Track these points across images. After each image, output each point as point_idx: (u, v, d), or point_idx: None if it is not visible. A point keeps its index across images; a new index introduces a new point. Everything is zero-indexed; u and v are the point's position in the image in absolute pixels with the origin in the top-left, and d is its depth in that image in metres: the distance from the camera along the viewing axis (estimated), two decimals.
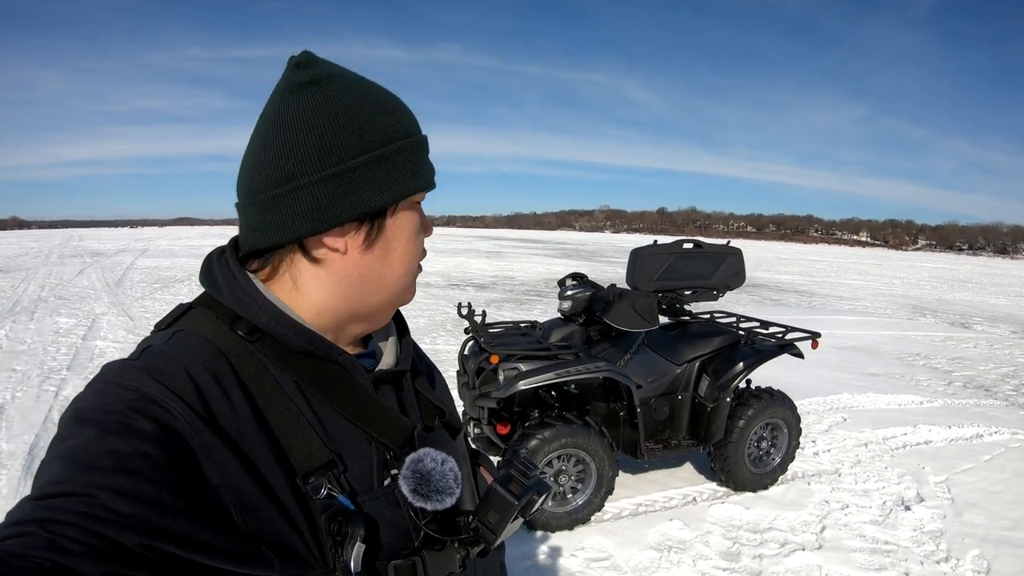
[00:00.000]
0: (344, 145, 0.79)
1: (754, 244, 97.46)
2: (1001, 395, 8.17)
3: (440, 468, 0.79)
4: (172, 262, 25.02)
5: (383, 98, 0.84)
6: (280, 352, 0.80)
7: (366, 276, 0.84)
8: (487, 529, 0.81)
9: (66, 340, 9.38)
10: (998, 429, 6.55)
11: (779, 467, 4.84)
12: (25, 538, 0.53)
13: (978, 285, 28.99)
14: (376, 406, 0.84)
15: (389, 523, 0.78)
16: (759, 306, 15.81)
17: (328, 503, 0.74)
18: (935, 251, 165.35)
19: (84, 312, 12.06)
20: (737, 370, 4.47)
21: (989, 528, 4.35)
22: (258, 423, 0.73)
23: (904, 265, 46.33)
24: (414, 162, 0.84)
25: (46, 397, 6.47)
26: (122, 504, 0.57)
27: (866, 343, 11.37)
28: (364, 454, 0.81)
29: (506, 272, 23.12)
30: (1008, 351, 11.49)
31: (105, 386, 0.68)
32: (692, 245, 5.02)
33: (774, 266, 34.66)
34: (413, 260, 0.88)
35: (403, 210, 0.85)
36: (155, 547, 0.57)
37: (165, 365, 0.71)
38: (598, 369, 4.05)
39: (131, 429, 0.62)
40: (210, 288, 0.84)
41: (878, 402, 7.40)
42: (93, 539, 0.54)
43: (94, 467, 0.59)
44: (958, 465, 5.48)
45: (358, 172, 0.79)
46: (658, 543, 4.01)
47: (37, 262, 24.95)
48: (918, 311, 17.06)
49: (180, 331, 0.79)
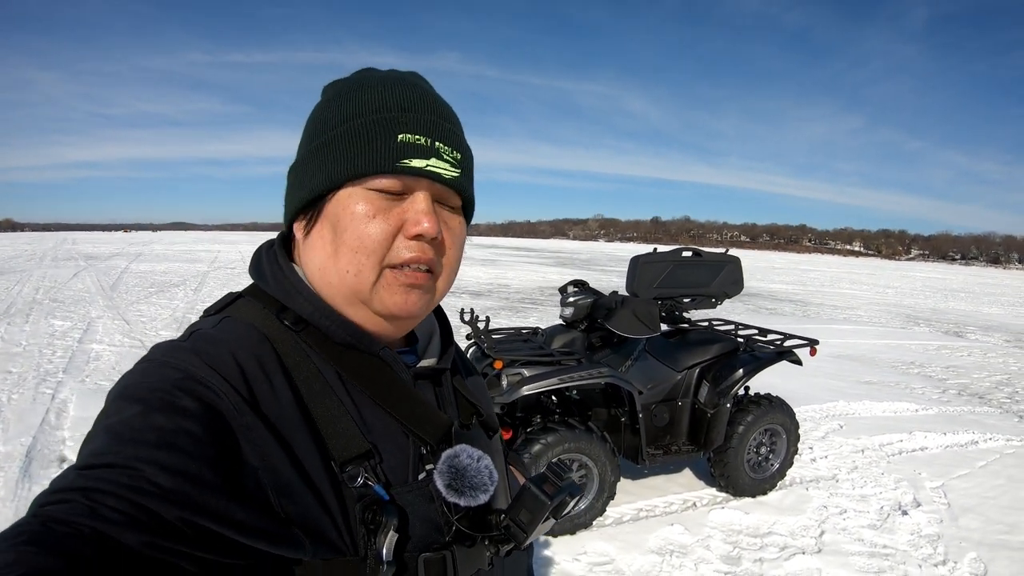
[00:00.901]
0: (305, 137, 0.85)
1: (748, 253, 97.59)
2: (995, 403, 8.25)
3: (476, 465, 0.78)
4: (167, 267, 24.89)
5: (363, 82, 0.85)
6: (324, 343, 0.81)
7: (311, 267, 0.84)
8: (518, 528, 0.81)
9: (62, 343, 9.33)
10: (992, 436, 6.61)
11: (778, 473, 4.88)
12: (67, 504, 0.55)
13: (971, 295, 29.17)
14: (415, 401, 0.84)
15: (422, 517, 0.78)
16: (754, 315, 15.85)
17: (363, 492, 0.74)
18: (928, 261, 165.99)
19: (79, 315, 11.96)
20: (737, 377, 4.51)
21: (985, 532, 4.40)
22: (299, 410, 0.74)
23: (897, 275, 46.55)
24: (363, 143, 0.79)
25: (43, 399, 6.43)
26: (163, 478, 0.58)
27: (861, 352, 11.44)
28: (401, 447, 0.81)
29: (501, 280, 23.12)
30: (1001, 359, 11.59)
31: (152, 365, 0.70)
32: (691, 253, 5.07)
33: (768, 275, 34.73)
34: (355, 253, 0.79)
35: (347, 195, 0.79)
36: (193, 521, 0.58)
37: (212, 348, 0.73)
38: (601, 375, 4.08)
39: (175, 406, 0.64)
40: (258, 279, 0.86)
41: (874, 410, 7.45)
42: (133, 509, 0.56)
43: (138, 441, 0.60)
44: (954, 471, 5.53)
45: (306, 161, 0.83)
46: (659, 547, 4.04)
47: (31, 264, 24.76)
48: (912, 320, 17.17)
49: (228, 317, 0.81)
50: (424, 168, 0.79)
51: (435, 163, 0.80)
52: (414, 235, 0.79)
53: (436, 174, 0.80)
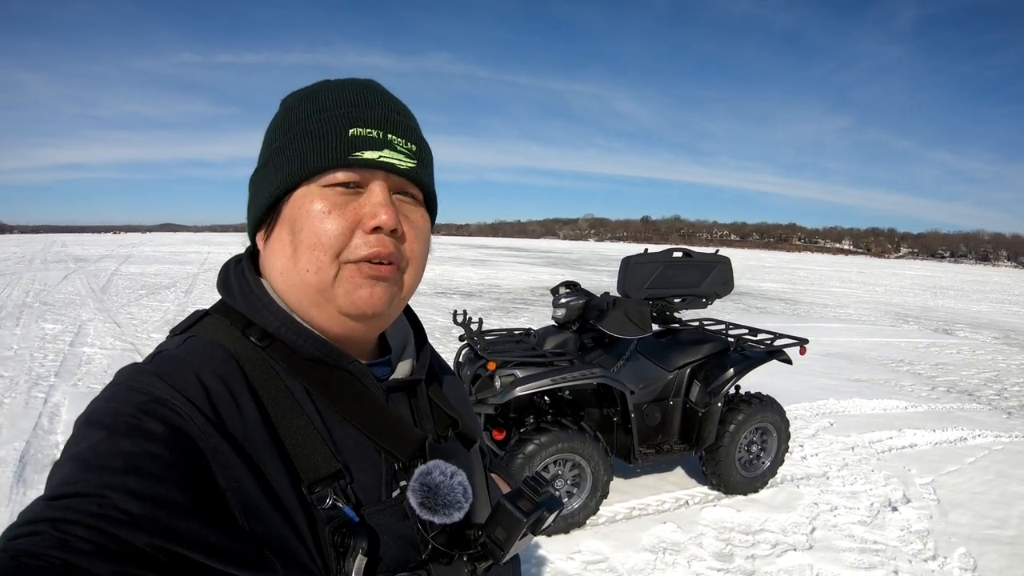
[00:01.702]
0: (262, 148, 0.85)
1: (738, 252, 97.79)
2: (984, 399, 8.33)
3: (448, 482, 0.77)
4: (157, 268, 24.78)
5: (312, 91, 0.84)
6: (291, 358, 0.80)
7: (273, 272, 0.82)
8: (495, 545, 0.79)
9: (53, 346, 9.31)
10: (981, 432, 6.67)
11: (769, 471, 4.92)
12: (36, 537, 0.54)
13: (960, 292, 29.35)
14: (386, 416, 0.82)
15: (397, 535, 0.77)
16: (744, 314, 15.90)
17: (332, 514, 0.73)
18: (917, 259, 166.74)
19: (70, 318, 11.92)
20: (727, 376, 4.55)
21: (974, 527, 4.45)
22: (267, 429, 0.73)
23: (887, 273, 46.79)
24: (312, 143, 0.78)
25: (35, 403, 6.42)
26: (132, 504, 0.57)
27: (851, 350, 11.50)
28: (373, 464, 0.80)
29: (492, 280, 23.13)
30: (990, 357, 11.68)
31: (116, 390, 0.69)
32: (682, 254, 5.11)
33: (758, 274, 34.84)
34: (312, 250, 0.77)
35: (303, 195, 0.78)
36: (164, 547, 0.57)
37: (176, 369, 0.72)
38: (593, 375, 4.10)
39: (141, 430, 0.63)
40: (225, 295, 0.85)
41: (863, 407, 7.50)
42: (103, 539, 0.55)
43: (104, 468, 0.59)
44: (943, 467, 5.58)
45: (261, 169, 0.83)
46: (653, 545, 4.06)
47: (20, 267, 24.61)
48: (901, 318, 17.28)
49: (193, 336, 0.80)
50: (378, 159, 0.78)
51: (389, 154, 0.79)
52: (372, 228, 0.77)
53: (391, 165, 0.79)
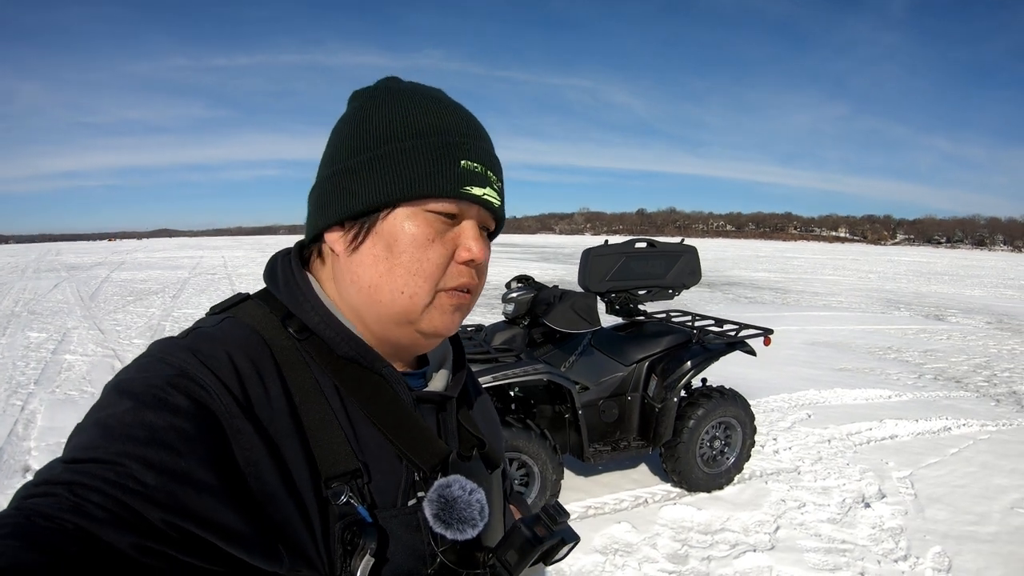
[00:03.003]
0: (348, 146, 0.82)
1: (733, 243, 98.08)
2: (972, 387, 8.12)
3: (467, 497, 0.76)
4: (148, 274, 24.87)
5: (415, 100, 0.82)
6: (326, 354, 0.80)
7: (358, 283, 0.81)
8: (504, 568, 0.78)
9: (36, 355, 9.31)
10: (967, 421, 6.48)
11: (734, 467, 4.74)
12: (51, 498, 0.54)
13: (954, 277, 29.30)
14: (413, 424, 0.82)
15: (406, 544, 0.76)
16: (733, 304, 15.82)
17: (346, 511, 0.72)
18: (914, 245, 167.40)
19: (56, 326, 11.98)
20: (685, 369, 4.40)
21: (952, 524, 4.24)
22: (292, 419, 0.73)
23: (882, 260, 46.80)
24: (424, 164, 0.78)
25: (12, 411, 6.46)
26: (150, 476, 0.57)
27: (838, 338, 11.32)
28: (393, 469, 0.79)
29: None
30: (981, 342, 11.49)
31: (149, 360, 0.69)
32: (646, 244, 4.97)
33: (752, 264, 34.90)
34: (413, 276, 0.78)
35: (405, 215, 0.78)
36: (176, 523, 0.57)
37: (209, 347, 0.72)
38: (537, 372, 3.95)
39: (167, 403, 0.63)
40: (270, 284, 0.86)
41: (845, 397, 7.31)
42: (118, 507, 0.55)
43: (127, 437, 0.59)
44: (923, 459, 5.38)
45: (353, 171, 0.80)
46: (604, 546, 3.90)
47: (13, 277, 24.78)
48: (892, 305, 17.14)
49: (231, 318, 0.80)
50: (482, 196, 0.81)
51: (489, 192, 0.82)
52: (466, 260, 0.80)
53: (489, 203, 0.82)
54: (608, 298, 4.97)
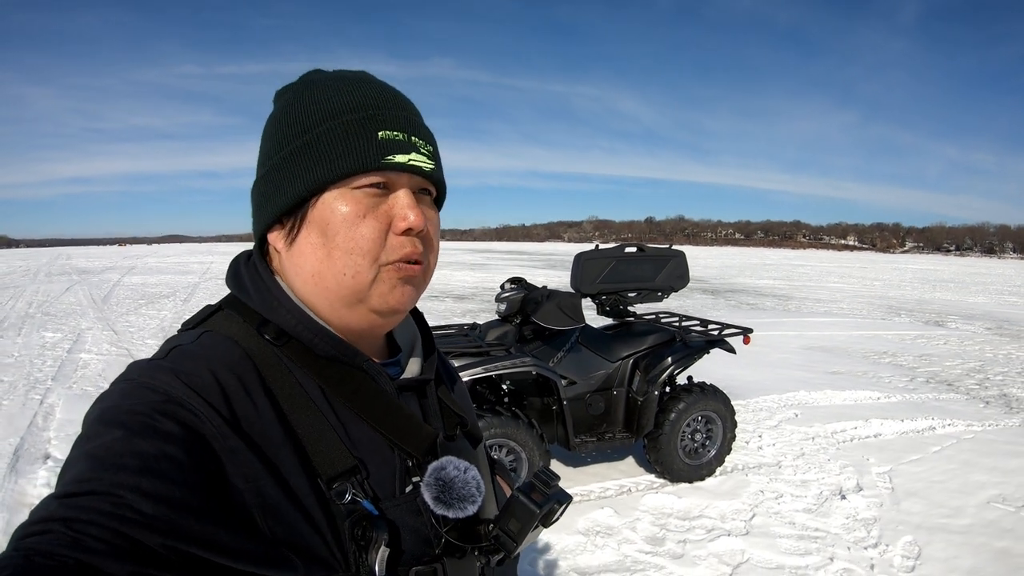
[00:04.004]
0: (274, 143, 0.83)
1: (742, 251, 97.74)
2: (963, 389, 8.20)
3: (463, 476, 0.78)
4: (159, 279, 24.99)
5: (328, 84, 0.84)
6: (306, 357, 0.81)
7: (302, 274, 0.82)
8: (508, 537, 0.81)
9: (52, 353, 9.56)
10: (952, 422, 6.58)
11: (715, 459, 4.93)
12: (49, 535, 0.54)
13: (959, 284, 29.15)
14: (399, 413, 0.84)
15: (410, 530, 0.78)
16: (734, 310, 15.88)
17: (352, 508, 0.74)
18: (923, 253, 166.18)
19: (70, 327, 12.14)
20: (666, 364, 4.62)
21: (926, 516, 4.37)
22: (283, 427, 0.73)
23: (889, 268, 46.54)
24: (341, 145, 0.78)
25: (31, 405, 6.70)
26: (146, 505, 0.57)
27: (834, 343, 11.41)
28: (387, 460, 0.81)
29: (487, 284, 23.06)
30: (978, 347, 11.54)
31: (131, 386, 0.69)
32: (635, 249, 5.16)
33: (757, 272, 34.75)
34: (351, 255, 0.78)
35: (332, 198, 0.79)
36: (178, 548, 0.57)
37: (192, 367, 0.71)
38: (524, 364, 4.19)
39: (157, 431, 0.63)
40: (237, 291, 0.85)
41: (834, 398, 7.44)
42: (117, 538, 0.54)
43: (119, 467, 0.59)
44: (905, 456, 5.51)
45: (279, 168, 0.82)
46: (586, 529, 4.09)
47: (25, 280, 24.96)
48: (894, 311, 17.16)
49: (208, 331, 0.80)
50: (407, 163, 0.80)
51: (415, 157, 0.81)
52: (403, 230, 0.80)
53: (417, 167, 0.81)
54: (599, 300, 5.17)
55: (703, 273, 31.31)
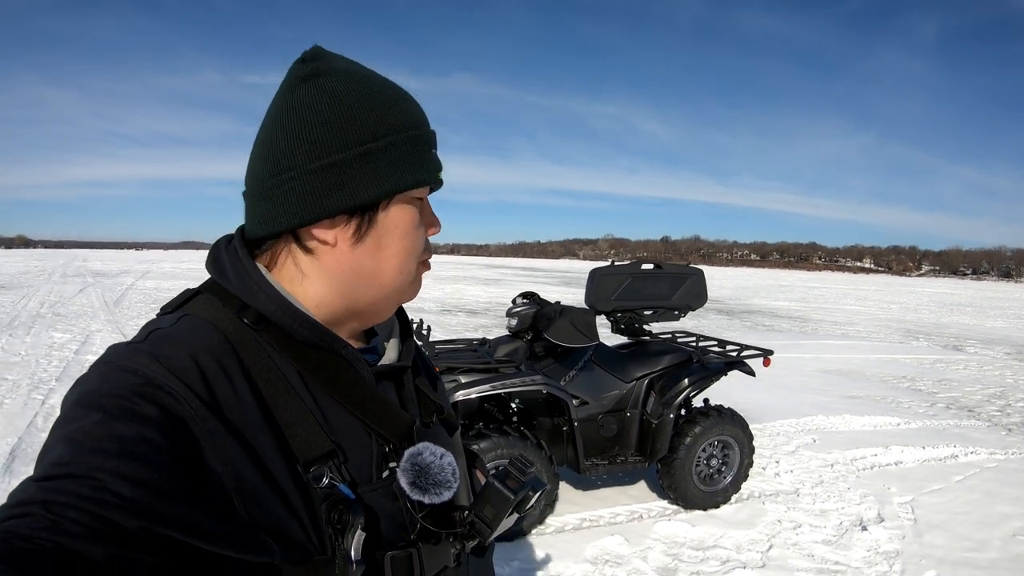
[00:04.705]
0: (335, 138, 0.81)
1: (757, 272, 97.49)
2: (984, 416, 8.01)
3: (439, 462, 0.79)
4: (173, 284, 25.26)
5: (385, 91, 0.85)
6: (285, 342, 0.81)
7: (358, 271, 0.84)
8: (483, 523, 0.84)
9: (59, 354, 9.62)
10: (975, 449, 6.40)
11: (731, 486, 4.76)
12: (28, 519, 0.54)
13: (977, 308, 28.89)
14: (377, 399, 0.85)
15: (386, 515, 0.80)
16: (750, 332, 15.73)
17: (329, 492, 0.74)
18: (939, 276, 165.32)
19: (79, 328, 12.28)
20: (682, 387, 4.47)
21: (949, 549, 4.21)
22: (261, 411, 0.74)
23: (905, 291, 46.28)
24: (412, 157, 0.83)
25: (33, 404, 6.71)
26: (125, 488, 0.57)
27: (852, 367, 11.21)
28: (364, 446, 0.82)
29: (501, 299, 23.00)
30: (998, 372, 11.33)
31: (110, 369, 0.69)
32: (653, 266, 5.04)
33: (773, 293, 34.63)
34: (410, 257, 0.87)
35: (398, 205, 0.84)
36: (156, 531, 0.57)
37: (171, 351, 0.72)
38: (535, 383, 4.05)
39: (135, 414, 0.63)
40: (217, 275, 0.85)
41: (853, 424, 7.25)
42: (96, 521, 0.55)
43: (98, 450, 0.59)
44: (926, 486, 5.34)
45: (347, 165, 0.80)
46: (595, 557, 3.94)
47: (40, 280, 25.42)
48: (911, 335, 16.93)
49: (187, 315, 0.80)
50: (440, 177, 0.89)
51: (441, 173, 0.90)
52: (434, 234, 0.92)
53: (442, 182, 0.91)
54: (614, 317, 5.04)
55: (718, 293, 31.14)
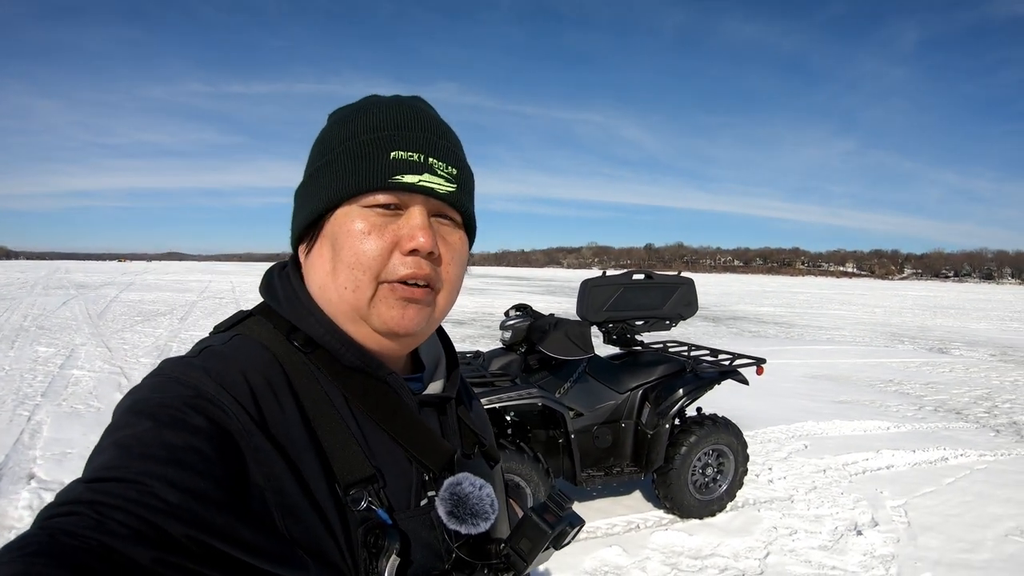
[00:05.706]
0: (308, 162, 0.87)
1: (740, 278, 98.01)
2: (972, 418, 8.10)
3: (478, 493, 0.79)
4: (156, 296, 25.14)
5: (366, 105, 0.86)
6: (332, 365, 0.82)
7: (312, 286, 0.84)
8: (519, 556, 0.82)
9: (44, 368, 9.51)
10: (964, 452, 6.48)
11: (726, 494, 4.77)
12: (75, 517, 0.54)
13: (960, 311, 29.20)
14: (419, 427, 0.84)
15: (422, 543, 0.78)
16: (736, 338, 15.79)
17: (367, 516, 0.74)
18: (922, 279, 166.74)
19: (64, 342, 12.16)
20: (677, 397, 4.47)
21: (944, 551, 4.25)
22: (306, 431, 0.75)
23: (889, 294, 46.66)
24: (356, 163, 0.80)
25: (19, 421, 6.59)
26: (172, 494, 0.58)
27: (839, 371, 11.30)
28: (404, 473, 0.81)
29: (487, 309, 23.02)
30: (984, 374, 11.48)
31: (163, 380, 0.70)
32: (643, 276, 5.05)
33: (758, 299, 34.81)
34: (351, 270, 0.79)
35: (344, 214, 0.80)
36: (200, 539, 0.58)
37: (223, 367, 0.73)
38: (531, 396, 4.03)
39: (185, 424, 0.64)
40: (269, 299, 0.87)
41: (843, 429, 7.31)
42: (141, 524, 0.55)
43: (147, 456, 0.60)
44: (918, 489, 5.39)
45: (306, 185, 0.85)
46: (594, 569, 3.93)
47: (22, 292, 25.18)
48: (896, 338, 17.11)
49: (239, 335, 0.82)
50: (417, 183, 0.80)
51: (428, 178, 0.81)
52: (409, 250, 0.79)
53: (429, 189, 0.81)
54: (606, 328, 5.05)
55: (703, 300, 31.01)
